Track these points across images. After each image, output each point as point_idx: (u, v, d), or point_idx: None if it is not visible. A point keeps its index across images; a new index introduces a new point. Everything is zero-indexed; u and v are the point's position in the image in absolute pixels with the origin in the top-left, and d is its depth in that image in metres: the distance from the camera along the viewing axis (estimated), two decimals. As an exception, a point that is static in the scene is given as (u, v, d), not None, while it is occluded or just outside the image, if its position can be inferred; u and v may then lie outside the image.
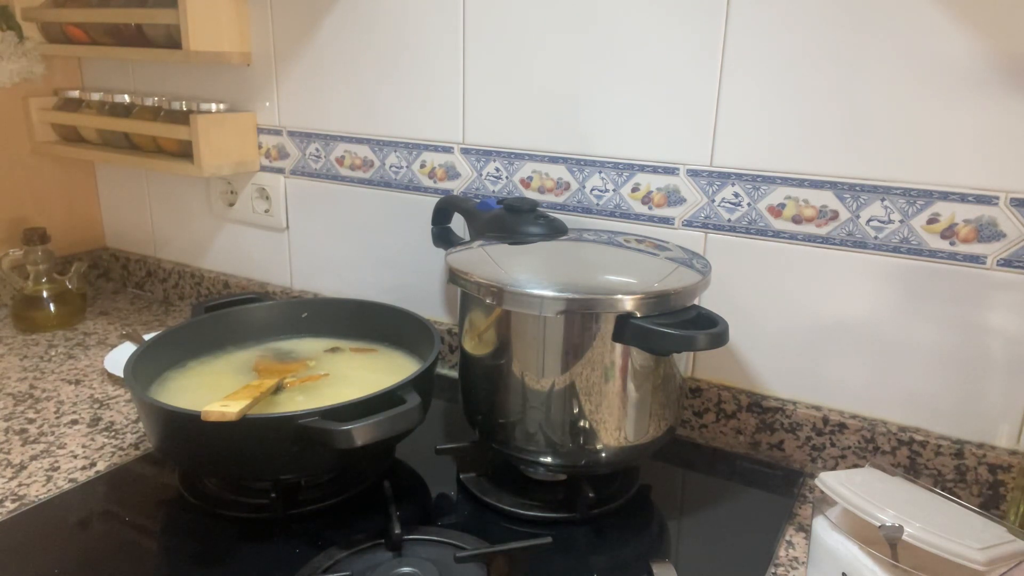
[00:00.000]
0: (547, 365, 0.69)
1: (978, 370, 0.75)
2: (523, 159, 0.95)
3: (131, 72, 1.26)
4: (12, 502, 0.75)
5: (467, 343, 0.76)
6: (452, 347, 1.06)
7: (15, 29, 1.21)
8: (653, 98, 0.85)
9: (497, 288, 0.68)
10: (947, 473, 0.78)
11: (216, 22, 1.05)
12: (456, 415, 0.92)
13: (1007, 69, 0.69)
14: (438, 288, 1.07)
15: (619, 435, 0.71)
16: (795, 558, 0.69)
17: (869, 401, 0.81)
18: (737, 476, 0.83)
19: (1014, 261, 0.72)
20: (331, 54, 1.05)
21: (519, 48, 0.91)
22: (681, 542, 0.73)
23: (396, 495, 0.72)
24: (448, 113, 0.99)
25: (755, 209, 0.82)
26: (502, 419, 0.74)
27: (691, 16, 0.81)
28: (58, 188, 1.33)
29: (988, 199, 0.72)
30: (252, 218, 1.20)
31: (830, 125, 0.77)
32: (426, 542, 0.67)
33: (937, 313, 0.76)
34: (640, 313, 0.66)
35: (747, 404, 0.87)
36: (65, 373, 1.04)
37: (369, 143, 1.06)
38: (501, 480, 0.78)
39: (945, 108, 0.72)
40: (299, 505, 0.73)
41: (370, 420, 0.63)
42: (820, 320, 0.82)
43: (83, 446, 0.85)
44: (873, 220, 0.77)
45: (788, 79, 0.78)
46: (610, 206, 0.91)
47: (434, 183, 1.02)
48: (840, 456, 0.83)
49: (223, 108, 1.12)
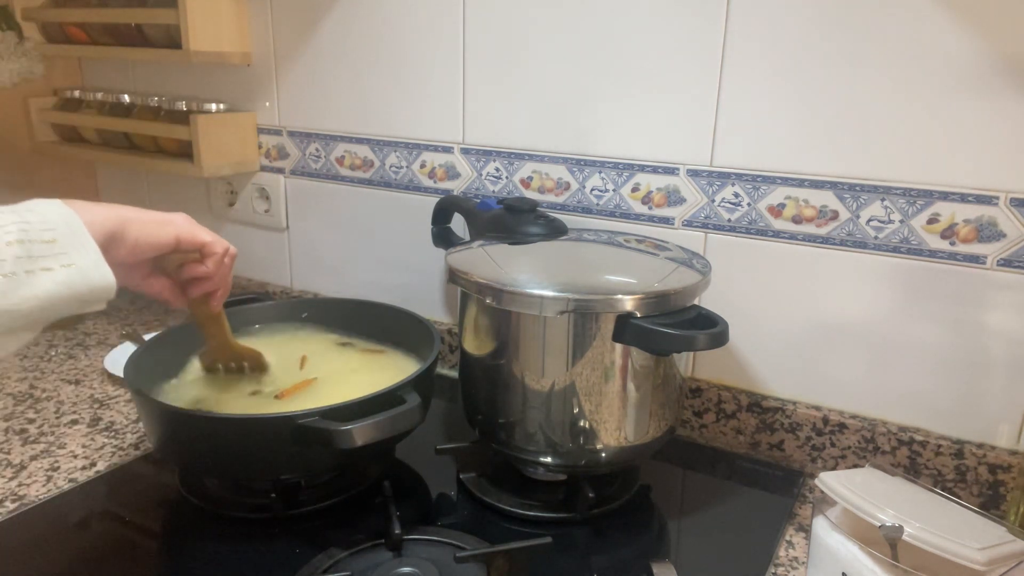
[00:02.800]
0: (547, 365, 0.69)
1: (978, 370, 0.75)
2: (523, 159, 0.95)
3: (131, 72, 1.26)
4: (12, 502, 0.75)
5: (467, 343, 0.76)
6: (452, 347, 1.06)
7: (15, 29, 1.21)
8: (653, 98, 0.85)
9: (497, 288, 0.68)
10: (947, 473, 0.78)
11: (216, 22, 1.05)
12: (456, 415, 0.92)
13: (1007, 69, 0.69)
14: (438, 288, 1.07)
15: (619, 435, 0.71)
16: (795, 558, 0.69)
17: (869, 401, 0.81)
18: (737, 476, 0.83)
19: (1014, 261, 0.72)
20: (331, 54, 1.05)
21: (519, 48, 0.91)
22: (681, 542, 0.73)
23: (396, 495, 0.72)
24: (448, 113, 0.99)
25: (755, 209, 0.82)
26: (502, 419, 0.74)
27: (691, 16, 0.81)
28: (58, 188, 1.33)
29: (988, 199, 0.72)
30: (252, 218, 1.20)
31: (830, 125, 0.77)
32: (426, 542, 0.67)
33: (937, 313, 0.76)
34: (640, 313, 0.66)
35: (747, 404, 0.87)
36: (65, 373, 1.04)
37: (369, 143, 1.06)
38: (501, 480, 0.78)
39: (945, 108, 0.72)
40: (299, 505, 0.73)
41: (370, 420, 0.63)
42: (820, 320, 0.82)
43: (83, 446, 0.85)
44: (873, 220, 0.77)
45: (788, 79, 0.78)
46: (610, 206, 0.91)
47: (434, 183, 1.02)
48: (840, 456, 0.83)
49: (223, 108, 1.12)
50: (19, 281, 0.47)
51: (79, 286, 0.50)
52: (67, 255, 0.50)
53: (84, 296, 0.51)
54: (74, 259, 0.50)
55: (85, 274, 0.50)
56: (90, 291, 0.51)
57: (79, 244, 0.51)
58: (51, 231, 0.50)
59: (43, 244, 0.49)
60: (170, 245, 0.60)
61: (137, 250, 0.58)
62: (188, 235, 0.62)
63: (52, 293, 0.49)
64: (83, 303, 0.52)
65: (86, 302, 0.52)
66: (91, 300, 0.52)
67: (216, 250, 0.65)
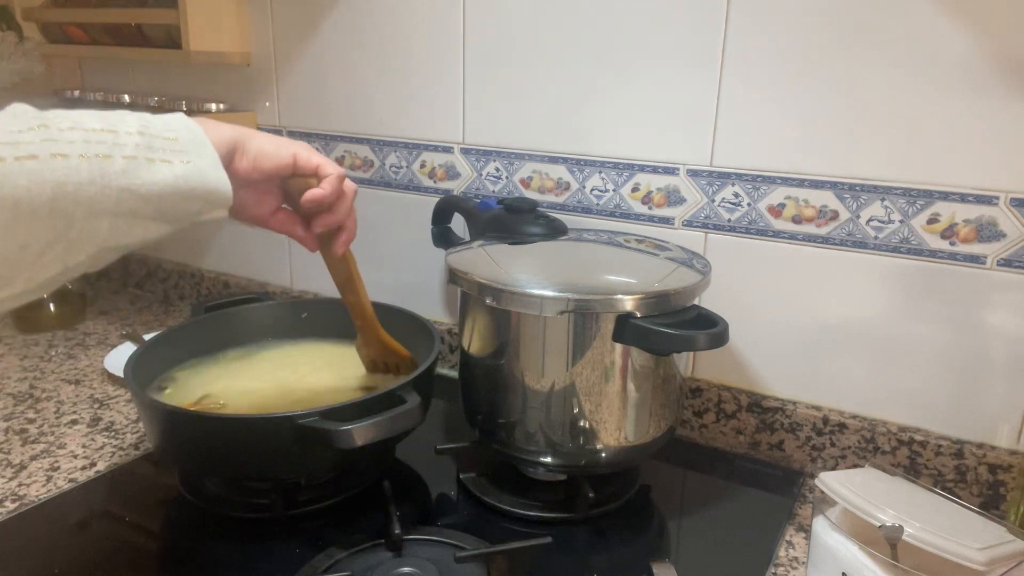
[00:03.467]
0: (547, 365, 0.69)
1: (978, 370, 0.75)
2: (523, 159, 0.95)
3: (131, 72, 1.26)
4: (12, 502, 0.75)
5: (467, 343, 0.76)
6: (452, 347, 1.06)
7: (15, 29, 1.21)
8: (653, 98, 0.85)
9: (497, 288, 0.68)
10: (947, 473, 0.78)
11: (216, 22, 1.05)
12: (456, 415, 0.92)
13: (1007, 69, 0.69)
14: (438, 288, 1.07)
15: (619, 435, 0.71)
16: (795, 558, 0.69)
17: (869, 401, 0.81)
18: (737, 476, 0.83)
19: (1014, 261, 0.72)
20: (331, 54, 1.05)
21: (519, 48, 0.91)
22: (681, 542, 0.73)
23: (396, 495, 0.72)
24: (448, 113, 0.99)
25: (755, 209, 0.82)
26: (502, 419, 0.74)
27: (691, 16, 0.81)
28: (58, 188, 1.33)
29: (988, 199, 0.72)
30: (252, 218, 1.20)
31: (830, 125, 0.77)
32: (426, 542, 0.67)
33: (937, 313, 0.76)
34: (640, 313, 0.66)
35: (747, 404, 0.87)
36: (65, 373, 1.04)
37: (369, 143, 1.06)
38: (501, 480, 0.78)
39: (945, 108, 0.72)
40: (299, 505, 0.73)
41: (370, 420, 0.63)
42: (820, 320, 0.82)
43: (83, 446, 0.85)
44: (873, 220, 0.77)
45: (788, 79, 0.78)
46: (610, 206, 0.91)
47: (434, 183, 1.02)
48: (840, 456, 0.83)
49: (223, 108, 1.12)
50: (139, 164, 0.48)
51: (197, 184, 0.51)
52: (187, 153, 0.51)
53: (202, 195, 0.52)
54: (193, 158, 0.51)
55: (203, 174, 0.51)
56: (208, 191, 0.52)
57: (199, 147, 0.52)
58: (173, 131, 0.51)
59: (164, 140, 0.50)
60: (288, 163, 0.61)
61: (257, 164, 0.59)
62: (305, 156, 0.62)
63: (171, 184, 0.49)
64: (202, 202, 0.52)
65: (205, 202, 0.52)
66: (209, 201, 0.52)
67: (329, 171, 0.64)
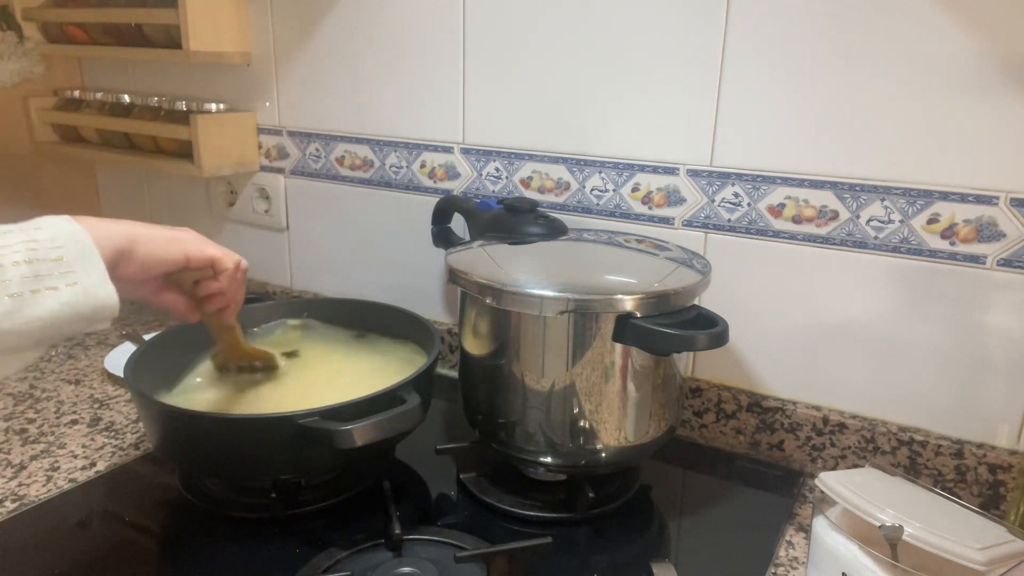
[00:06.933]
0: (547, 365, 0.69)
1: (978, 370, 0.75)
2: (523, 159, 0.95)
3: (131, 72, 1.26)
4: (12, 502, 0.75)
5: (467, 343, 0.76)
6: (452, 347, 1.06)
7: (15, 29, 1.21)
8: (653, 98, 0.85)
9: (497, 288, 0.68)
10: (947, 473, 0.78)
11: (216, 22, 1.05)
12: (456, 415, 0.92)
13: (1007, 69, 0.69)
14: (438, 288, 1.07)
15: (619, 435, 0.71)
16: (795, 558, 0.69)
17: (869, 401, 0.81)
18: (737, 476, 0.83)
19: (1014, 261, 0.72)
20: (331, 54, 1.05)
21: (519, 48, 0.91)
22: (681, 542, 0.73)
23: (396, 495, 0.72)
24: (448, 113, 0.99)
25: (755, 209, 0.82)
26: (502, 419, 0.74)
27: (691, 16, 0.81)
28: (58, 188, 1.33)
29: (988, 199, 0.72)
30: (252, 218, 1.20)
31: (830, 125, 0.77)
32: (426, 542, 0.67)
33: (937, 313, 0.76)
34: (640, 313, 0.66)
35: (747, 404, 0.87)
36: (65, 373, 1.04)
37: (369, 143, 1.06)
38: (501, 480, 0.78)
39: (945, 108, 0.72)
40: (299, 505, 0.73)
41: (370, 420, 0.63)
42: (820, 320, 0.82)
43: (83, 446, 0.85)
44: (873, 220, 0.77)
45: (788, 79, 0.78)
46: (610, 206, 0.91)
47: (434, 183, 1.02)
48: (840, 456, 0.83)
49: (223, 108, 1.12)
50: (24, 301, 0.47)
51: (83, 305, 0.50)
52: (73, 273, 0.50)
53: (87, 315, 0.51)
54: (79, 278, 0.50)
55: (89, 293, 0.50)
56: (93, 311, 0.51)
57: (86, 262, 0.51)
58: (59, 249, 0.50)
59: (50, 263, 0.49)
60: (179, 262, 0.61)
61: (146, 267, 0.58)
62: (197, 252, 0.62)
63: (56, 313, 0.49)
64: (87, 322, 0.52)
65: (90, 321, 0.52)
66: (95, 319, 0.52)
67: (227, 265, 0.65)
